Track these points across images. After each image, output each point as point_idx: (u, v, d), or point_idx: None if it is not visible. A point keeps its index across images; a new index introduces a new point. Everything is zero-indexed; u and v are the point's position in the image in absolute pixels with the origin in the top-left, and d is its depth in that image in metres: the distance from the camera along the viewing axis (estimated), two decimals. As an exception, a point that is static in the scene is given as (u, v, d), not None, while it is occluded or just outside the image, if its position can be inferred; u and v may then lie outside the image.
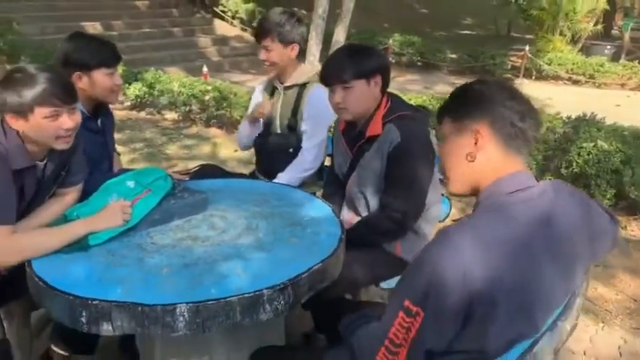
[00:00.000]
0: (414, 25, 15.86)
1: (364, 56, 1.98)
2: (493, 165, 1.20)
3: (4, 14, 9.16)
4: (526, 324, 1.11)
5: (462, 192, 1.28)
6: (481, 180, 1.21)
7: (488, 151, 1.20)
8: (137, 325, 1.36)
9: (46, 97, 1.59)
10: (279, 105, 2.56)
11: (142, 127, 6.08)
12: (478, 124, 1.20)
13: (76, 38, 2.10)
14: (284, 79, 2.54)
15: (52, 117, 1.61)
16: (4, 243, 1.56)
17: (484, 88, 1.23)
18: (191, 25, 12.10)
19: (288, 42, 2.43)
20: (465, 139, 1.22)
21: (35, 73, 1.62)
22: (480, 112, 1.20)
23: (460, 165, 1.24)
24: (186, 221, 1.82)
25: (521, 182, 1.18)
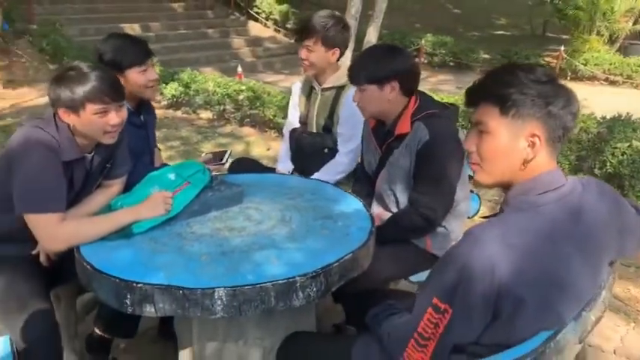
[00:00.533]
0: (447, 26, 15.75)
1: (378, 62, 2.01)
2: (536, 166, 1.19)
3: (47, 16, 9.50)
4: (552, 317, 1.14)
5: (491, 185, 1.27)
6: (517, 178, 1.21)
7: (540, 154, 1.18)
8: (178, 307, 1.45)
9: (97, 94, 1.69)
10: (315, 106, 2.61)
11: (178, 125, 6.24)
12: (535, 128, 1.16)
13: (108, 39, 2.19)
14: (322, 80, 2.58)
15: (101, 113, 1.71)
16: (54, 230, 1.67)
17: (542, 87, 1.16)
18: (225, 27, 12.28)
19: (330, 46, 2.46)
20: (519, 142, 1.17)
21: (87, 71, 1.72)
22: (539, 114, 1.15)
23: (507, 165, 1.20)
24: (223, 212, 1.91)
25: (553, 182, 1.18)
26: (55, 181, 1.69)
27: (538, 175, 1.18)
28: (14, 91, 7.31)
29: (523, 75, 1.17)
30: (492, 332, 1.13)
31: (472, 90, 1.27)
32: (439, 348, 1.15)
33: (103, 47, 2.13)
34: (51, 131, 1.72)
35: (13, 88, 7.38)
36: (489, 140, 1.20)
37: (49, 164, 1.67)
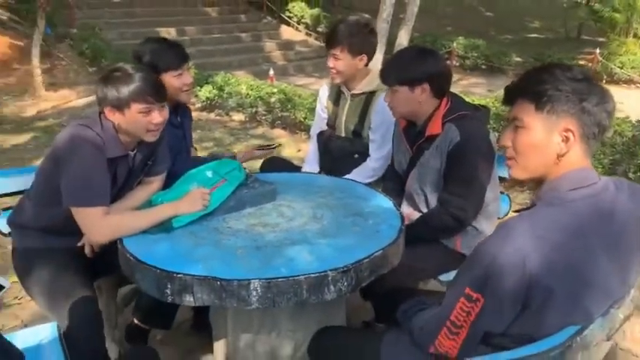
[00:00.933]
0: (479, 29, 15.62)
1: (410, 64, 2.05)
2: (569, 162, 1.22)
3: (87, 21, 9.80)
4: (580, 311, 1.17)
5: (525, 179, 1.29)
6: (550, 173, 1.24)
7: (573, 150, 1.20)
8: (215, 297, 1.52)
9: (141, 94, 1.78)
10: (345, 110, 2.64)
11: (212, 127, 6.37)
12: (569, 123, 1.19)
13: (146, 43, 2.26)
14: (351, 86, 2.59)
15: (145, 112, 1.80)
16: (99, 222, 1.77)
17: (576, 84, 1.19)
18: (258, 31, 12.46)
19: (357, 53, 2.47)
20: (554, 137, 1.20)
21: (132, 72, 1.81)
22: (573, 110, 1.18)
23: (542, 159, 1.23)
24: (258, 209, 1.98)
25: (585, 179, 1.21)
26: (101, 176, 1.79)
27: (570, 171, 1.21)
28: (55, 93, 7.57)
29: (559, 72, 1.21)
30: (521, 323, 1.16)
31: (509, 88, 1.31)
32: (470, 336, 1.19)
33: (141, 50, 2.20)
34: (96, 129, 1.82)
35: (54, 90, 7.64)
36: (525, 135, 1.24)
37: (94, 161, 1.77)
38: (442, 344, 1.25)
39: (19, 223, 1.95)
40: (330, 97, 2.74)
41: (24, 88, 7.66)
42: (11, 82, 7.82)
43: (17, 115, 6.59)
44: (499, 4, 19.35)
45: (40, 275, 1.83)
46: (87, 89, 7.86)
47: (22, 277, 1.91)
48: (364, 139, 2.62)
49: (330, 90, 2.76)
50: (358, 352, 1.55)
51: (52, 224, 1.89)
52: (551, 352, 1.10)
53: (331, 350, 1.62)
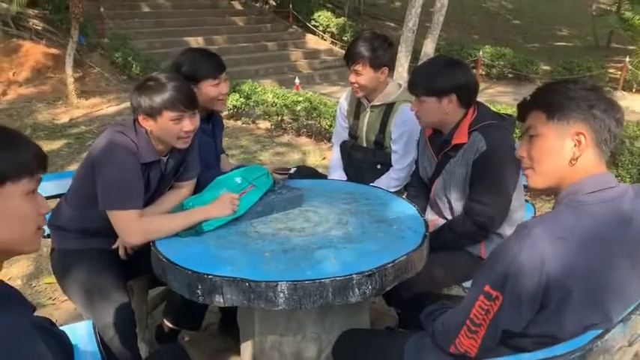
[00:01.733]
0: (506, 37, 15.54)
1: (438, 75, 2.07)
2: (586, 167, 1.25)
3: (118, 31, 10.06)
4: (598, 313, 1.20)
5: (544, 187, 1.33)
6: (568, 179, 1.27)
7: (586, 154, 1.25)
8: (244, 298, 1.57)
9: (173, 102, 1.86)
10: (365, 122, 2.67)
11: (238, 135, 6.48)
12: (580, 128, 1.23)
13: (186, 53, 2.35)
14: (372, 97, 2.62)
15: (177, 120, 1.87)
16: (133, 225, 1.84)
17: (585, 92, 1.25)
18: (284, 40, 12.61)
19: (378, 66, 2.50)
20: (565, 141, 1.25)
21: (165, 81, 1.88)
22: (582, 116, 1.23)
23: (556, 165, 1.27)
24: (284, 214, 2.03)
25: (604, 182, 1.24)
26: (135, 181, 1.86)
27: (587, 176, 1.25)
28: (87, 101, 7.79)
29: (569, 84, 1.29)
30: (541, 323, 1.19)
31: (522, 103, 1.38)
32: (489, 334, 1.23)
33: (180, 60, 2.28)
34: (131, 136, 1.90)
35: (86, 98, 7.86)
36: (539, 142, 1.29)
37: (129, 166, 1.85)
38: (462, 343, 1.28)
39: (57, 225, 2.03)
40: (351, 108, 2.78)
41: (57, 95, 7.90)
42: (45, 90, 8.07)
43: (51, 122, 6.80)
44: (526, 13, 19.21)
45: (77, 275, 1.91)
46: (117, 97, 8.07)
47: (60, 277, 2.00)
48: (386, 149, 2.65)
49: (350, 100, 2.79)
50: (382, 353, 1.58)
51: (88, 226, 1.98)
52: (572, 355, 1.13)
53: (355, 352, 1.66)
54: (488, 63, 11.27)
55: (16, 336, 0.91)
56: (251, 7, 13.78)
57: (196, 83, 2.22)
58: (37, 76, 8.38)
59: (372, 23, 14.87)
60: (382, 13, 15.55)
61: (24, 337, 0.92)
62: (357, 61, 2.48)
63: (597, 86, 1.29)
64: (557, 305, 1.17)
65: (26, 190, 1.05)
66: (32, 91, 8.00)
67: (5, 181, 1.02)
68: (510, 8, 20.04)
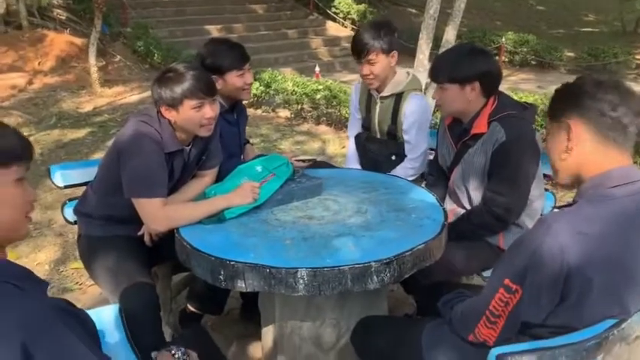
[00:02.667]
0: (530, 23, 15.28)
1: (462, 62, 2.06)
2: (592, 158, 1.26)
3: (140, 20, 10.15)
4: (617, 304, 1.21)
5: (566, 182, 1.36)
6: (582, 172, 1.29)
7: (583, 143, 1.27)
8: (265, 284, 1.61)
9: (193, 90, 1.89)
10: (376, 113, 2.67)
11: (259, 123, 6.52)
12: (569, 118, 1.28)
13: (210, 44, 2.38)
14: (381, 88, 2.61)
15: (197, 107, 1.91)
16: (158, 213, 1.89)
17: (577, 84, 1.31)
18: (304, 27, 12.57)
19: (388, 51, 2.47)
20: (561, 135, 1.31)
21: (184, 71, 1.92)
22: (569, 106, 1.28)
23: (560, 158, 1.32)
24: (304, 203, 2.07)
25: (626, 176, 1.24)
26: (160, 170, 1.91)
27: (611, 169, 1.25)
28: (110, 90, 7.89)
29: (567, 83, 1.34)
30: (560, 314, 1.21)
31: None
32: (508, 325, 1.25)
33: (204, 52, 2.32)
34: (155, 126, 1.94)
35: (109, 87, 7.97)
36: (547, 142, 1.37)
37: (154, 155, 1.90)
38: (481, 332, 1.31)
39: (83, 212, 2.10)
40: (362, 100, 2.77)
41: (81, 84, 8.02)
42: (69, 79, 8.20)
43: (75, 111, 6.92)
44: (551, -3, 18.83)
45: (104, 260, 1.97)
46: (140, 86, 8.17)
47: (87, 262, 2.06)
48: (399, 140, 2.66)
49: (361, 93, 2.78)
50: (399, 340, 1.62)
51: (114, 213, 2.04)
52: (588, 343, 1.14)
53: (373, 338, 1.69)
54: (511, 50, 11.10)
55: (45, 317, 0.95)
56: (271, -6, 13.77)
57: (221, 74, 2.26)
58: (61, 65, 8.51)
59: (393, 10, 14.73)
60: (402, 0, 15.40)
61: (52, 316, 0.96)
62: (369, 51, 2.43)
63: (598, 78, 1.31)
64: (578, 297, 1.19)
65: (16, 177, 1.09)
66: (57, 80, 8.14)
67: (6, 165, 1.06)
68: (534, -7, 19.67)
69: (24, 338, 0.91)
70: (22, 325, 0.92)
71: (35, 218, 3.85)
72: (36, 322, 0.94)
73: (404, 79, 2.60)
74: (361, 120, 2.80)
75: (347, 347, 1.87)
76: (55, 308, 0.99)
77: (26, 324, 0.92)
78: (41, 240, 3.52)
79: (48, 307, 0.97)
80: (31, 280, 1.09)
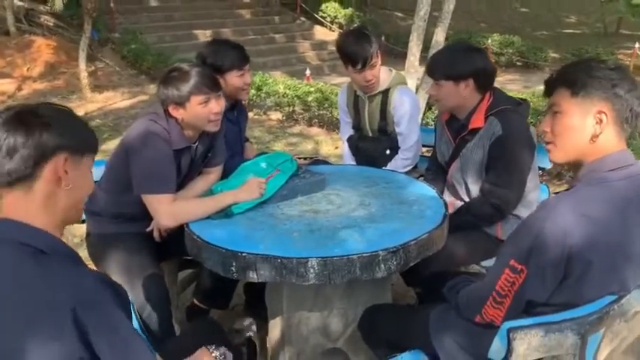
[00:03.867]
0: (514, 25, 15.49)
1: (456, 60, 2.15)
2: (606, 145, 1.32)
3: (128, 25, 10.15)
4: (617, 282, 1.28)
5: (564, 161, 1.39)
6: (588, 156, 1.33)
7: (607, 132, 1.31)
8: (276, 274, 1.67)
9: (198, 86, 1.95)
10: (366, 112, 2.73)
11: (251, 126, 6.54)
12: (603, 106, 1.29)
13: (211, 45, 2.44)
14: None
15: (204, 103, 1.97)
16: (167, 208, 1.94)
17: (608, 72, 1.29)
18: (292, 31, 12.64)
19: (378, 54, 2.51)
20: (588, 119, 1.30)
21: (188, 69, 1.98)
22: (606, 94, 1.28)
23: (577, 141, 1.33)
24: (309, 197, 2.13)
25: (622, 160, 1.31)
26: (168, 166, 1.96)
27: (608, 154, 1.31)
28: (101, 95, 7.89)
29: (593, 63, 1.34)
30: (562, 293, 1.28)
31: (548, 80, 1.43)
32: (513, 305, 1.31)
33: (205, 52, 2.37)
34: (163, 124, 1.99)
35: (99, 92, 7.96)
36: (562, 119, 1.35)
37: (163, 152, 1.94)
38: (488, 313, 1.37)
39: (92, 210, 2.13)
40: (349, 102, 2.82)
41: (71, 90, 8.01)
42: (59, 85, 8.19)
43: (67, 117, 6.90)
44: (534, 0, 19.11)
45: (115, 256, 2.01)
46: (130, 91, 8.17)
47: (97, 260, 2.10)
48: (391, 134, 2.72)
49: (348, 96, 2.83)
50: (406, 326, 1.68)
51: (123, 211, 2.08)
52: (589, 318, 1.21)
53: (381, 325, 1.76)
54: (497, 51, 11.26)
55: (97, 289, 1.02)
56: (258, -1, 13.83)
57: (222, 74, 2.31)
58: (50, 71, 8.49)
59: (380, 13, 14.87)
60: (390, 4, 15.55)
61: (100, 287, 1.03)
62: (372, 56, 2.46)
63: (620, 65, 1.35)
64: (579, 276, 1.25)
65: (90, 165, 1.21)
66: (46, 85, 8.12)
67: (84, 154, 1.17)
68: (517, -4, 19.93)
69: (74, 305, 0.97)
70: (73, 294, 0.98)
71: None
72: (86, 291, 1.00)
73: (387, 76, 2.66)
74: (351, 122, 2.86)
75: (354, 336, 1.93)
76: (101, 281, 1.05)
77: (77, 292, 0.99)
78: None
79: (95, 279, 1.04)
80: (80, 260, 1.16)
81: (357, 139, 2.84)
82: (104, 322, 1.00)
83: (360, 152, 2.83)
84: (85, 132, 1.19)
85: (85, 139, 1.19)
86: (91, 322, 0.97)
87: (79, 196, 1.18)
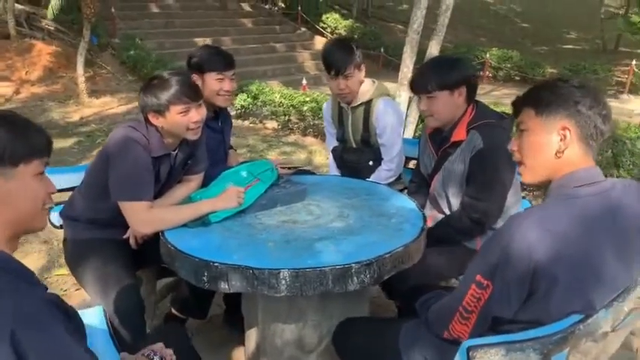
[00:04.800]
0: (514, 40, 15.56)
1: (449, 69, 2.14)
2: (571, 161, 1.32)
3: (129, 31, 10.20)
4: (583, 300, 1.26)
5: (535, 182, 1.40)
6: (557, 172, 1.34)
7: (572, 148, 1.31)
8: (248, 285, 1.65)
9: (178, 96, 1.94)
10: (349, 123, 2.73)
11: (246, 134, 6.57)
12: (566, 123, 1.30)
13: (200, 48, 2.47)
14: (352, 100, 2.66)
15: (184, 112, 1.96)
16: (143, 216, 1.93)
17: (572, 90, 1.31)
18: (292, 41, 12.71)
19: (360, 66, 2.55)
20: (552, 136, 1.31)
21: (168, 77, 1.97)
22: (568, 112, 1.29)
23: (544, 158, 1.34)
24: (288, 207, 2.12)
25: (592, 176, 1.31)
26: (146, 173, 1.95)
27: (576, 170, 1.31)
28: (98, 100, 7.91)
29: (559, 82, 1.36)
30: (528, 309, 1.26)
31: (516, 100, 1.45)
32: (479, 321, 1.30)
33: (193, 53, 2.43)
34: (142, 131, 1.99)
35: (97, 97, 7.99)
36: (528, 136, 1.37)
37: (141, 160, 1.93)
38: (455, 329, 1.36)
39: (70, 215, 2.13)
40: (334, 114, 2.83)
41: (68, 94, 8.03)
42: (57, 89, 8.21)
43: (62, 120, 6.93)
44: (535, 16, 19.22)
45: (90, 263, 2.00)
46: (127, 97, 8.20)
47: (73, 266, 2.08)
48: (374, 146, 2.72)
49: (332, 108, 2.85)
50: (378, 340, 1.66)
51: (100, 217, 2.07)
52: (554, 337, 1.19)
53: (353, 338, 1.74)
54: (495, 65, 11.32)
55: (40, 310, 0.99)
56: (260, 9, 13.91)
57: (202, 73, 2.35)
58: (49, 75, 8.53)
59: (380, 25, 14.95)
60: (390, 15, 15.64)
61: (45, 308, 1.00)
62: (348, 66, 2.49)
63: (584, 83, 1.35)
64: (544, 293, 1.24)
65: (36, 171, 1.15)
66: (44, 90, 8.15)
67: (19, 163, 1.11)
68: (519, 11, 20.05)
69: (14, 326, 0.94)
70: (14, 314, 0.95)
71: (20, 226, 3.84)
72: (27, 313, 0.97)
73: (370, 87, 2.66)
74: (336, 133, 2.86)
75: (328, 349, 1.91)
76: (47, 302, 1.02)
77: (18, 313, 0.96)
78: (26, 247, 3.52)
79: (41, 300, 1.01)
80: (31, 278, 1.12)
81: (341, 150, 2.84)
82: (44, 346, 0.97)
83: (344, 163, 2.83)
84: (21, 138, 1.12)
85: (19, 146, 1.11)
86: (30, 345, 0.94)
87: (24, 209, 1.13)
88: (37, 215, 1.17)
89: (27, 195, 1.13)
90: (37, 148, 1.15)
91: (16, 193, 1.11)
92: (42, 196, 1.17)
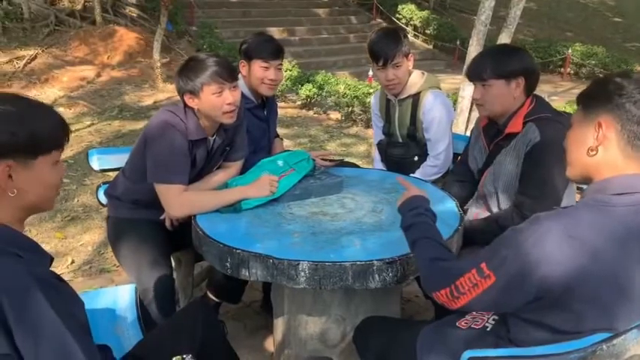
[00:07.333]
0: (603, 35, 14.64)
1: (507, 57, 2.03)
2: (611, 162, 1.19)
3: (206, 19, 10.49)
4: (603, 318, 1.16)
5: (575, 178, 1.31)
6: (595, 173, 1.23)
7: (609, 146, 1.19)
8: (268, 274, 1.64)
9: (212, 76, 1.95)
10: (396, 117, 2.66)
11: (309, 124, 6.59)
12: (602, 117, 1.19)
13: (255, 35, 2.49)
14: (400, 92, 2.60)
15: (218, 93, 1.96)
16: (176, 199, 1.97)
17: (620, 82, 1.19)
18: (366, 32, 12.57)
19: (407, 55, 2.50)
20: (588, 130, 1.22)
21: (204, 58, 1.99)
22: (607, 104, 1.18)
23: (577, 154, 1.26)
24: (322, 199, 2.09)
25: (631, 185, 1.17)
26: (181, 157, 1.99)
27: (617, 176, 1.19)
28: (172, 86, 8.18)
29: (615, 76, 1.23)
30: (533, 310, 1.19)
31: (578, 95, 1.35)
32: (471, 304, 1.24)
33: (246, 39, 2.46)
34: (180, 115, 2.02)
35: (171, 83, 8.26)
36: (571, 130, 1.31)
37: (177, 143, 1.97)
38: (439, 298, 1.31)
39: (113, 195, 2.21)
40: (381, 107, 2.77)
41: (145, 79, 8.38)
42: (134, 74, 8.58)
43: (136, 104, 7.24)
44: (630, 9, 17.97)
45: (127, 241, 2.07)
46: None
47: (112, 242, 2.17)
48: (421, 141, 2.64)
49: (380, 101, 2.78)
50: (395, 341, 1.60)
51: (140, 198, 2.13)
52: (570, 355, 1.10)
53: (371, 338, 1.69)
54: (578, 62, 10.69)
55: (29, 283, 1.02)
56: (335, -1, 13.88)
57: (249, 60, 2.37)
58: (128, 60, 8.92)
59: (458, 17, 14.51)
60: (469, 7, 15.13)
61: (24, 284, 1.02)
62: (395, 55, 2.44)
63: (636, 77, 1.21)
64: (554, 301, 1.15)
65: (54, 161, 1.18)
66: (123, 73, 8.54)
67: (38, 155, 1.14)
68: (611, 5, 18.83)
69: (1, 298, 0.98)
70: (3, 287, 1.00)
71: (86, 202, 4.07)
72: (16, 286, 1.01)
73: (419, 79, 2.59)
74: (382, 129, 2.80)
75: (351, 347, 1.87)
76: (39, 278, 1.05)
77: (7, 286, 1.00)
78: (89, 222, 3.72)
79: (32, 275, 1.04)
80: (35, 251, 1.16)
81: (386, 144, 2.77)
82: (26, 317, 1.00)
83: (389, 158, 2.77)
84: (43, 128, 1.13)
85: (42, 138, 1.13)
86: (13, 313, 0.98)
87: (41, 195, 1.16)
88: (50, 200, 1.22)
89: (45, 183, 1.17)
90: (56, 141, 1.18)
91: (34, 181, 1.14)
92: (57, 183, 1.21)
